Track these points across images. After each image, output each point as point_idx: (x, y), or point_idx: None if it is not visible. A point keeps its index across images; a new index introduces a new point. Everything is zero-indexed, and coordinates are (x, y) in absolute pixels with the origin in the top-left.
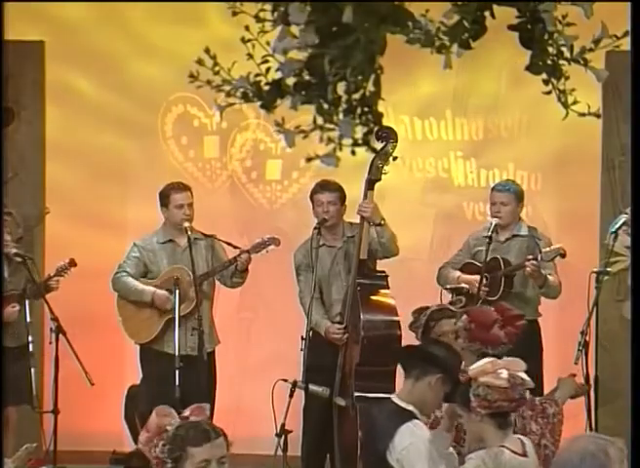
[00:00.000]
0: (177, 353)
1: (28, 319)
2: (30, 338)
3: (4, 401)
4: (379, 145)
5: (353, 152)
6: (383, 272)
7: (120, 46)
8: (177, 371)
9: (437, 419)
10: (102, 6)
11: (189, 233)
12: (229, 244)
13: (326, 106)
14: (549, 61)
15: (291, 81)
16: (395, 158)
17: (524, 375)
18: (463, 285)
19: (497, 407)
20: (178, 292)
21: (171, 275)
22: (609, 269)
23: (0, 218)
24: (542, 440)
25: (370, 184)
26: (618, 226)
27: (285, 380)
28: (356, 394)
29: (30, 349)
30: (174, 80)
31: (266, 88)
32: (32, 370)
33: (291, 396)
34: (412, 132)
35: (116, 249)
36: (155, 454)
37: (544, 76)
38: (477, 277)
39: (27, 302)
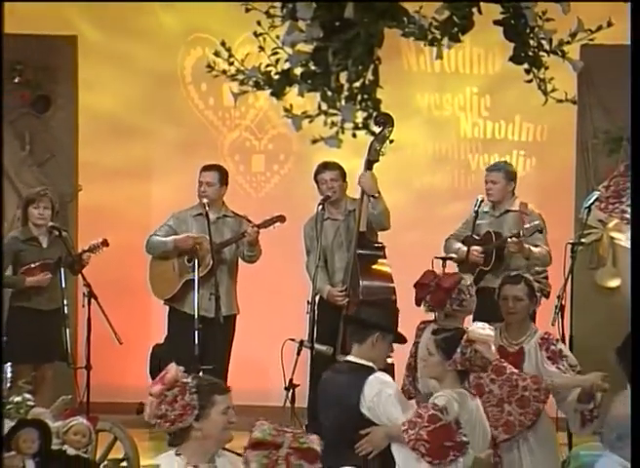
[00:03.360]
0: (196, 314)
1: (64, 285)
2: (65, 302)
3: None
4: (377, 129)
5: (354, 135)
6: (381, 243)
7: None
8: (196, 332)
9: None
10: None
11: (207, 208)
12: (248, 220)
13: (329, 93)
14: (530, 53)
15: (298, 71)
16: (392, 141)
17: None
18: (452, 255)
19: (471, 369)
20: (197, 258)
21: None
22: (583, 240)
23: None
24: (506, 405)
25: (369, 165)
26: (591, 202)
27: (293, 340)
28: None
29: (65, 312)
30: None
31: (276, 77)
32: (67, 330)
33: (298, 354)
34: None
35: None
36: (184, 403)
37: (526, 66)
38: (476, 248)
39: (63, 270)
